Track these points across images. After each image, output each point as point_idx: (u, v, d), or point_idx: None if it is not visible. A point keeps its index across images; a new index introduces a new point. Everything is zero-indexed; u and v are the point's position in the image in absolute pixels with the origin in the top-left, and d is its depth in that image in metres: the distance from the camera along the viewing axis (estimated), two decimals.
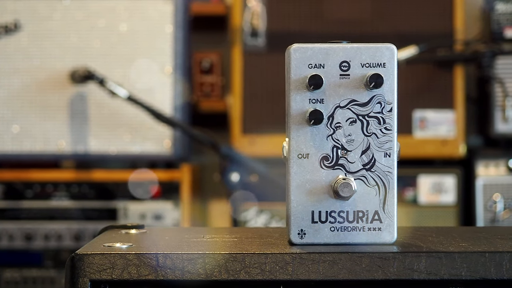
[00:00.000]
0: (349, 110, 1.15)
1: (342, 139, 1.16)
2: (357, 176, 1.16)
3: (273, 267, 1.09)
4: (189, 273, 1.08)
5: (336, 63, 1.15)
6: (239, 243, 1.18)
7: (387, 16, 3.40)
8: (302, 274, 1.09)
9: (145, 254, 1.09)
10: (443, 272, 1.08)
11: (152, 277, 1.08)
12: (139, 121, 3.18)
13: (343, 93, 1.15)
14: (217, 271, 1.08)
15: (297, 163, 1.16)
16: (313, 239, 1.16)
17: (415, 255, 1.09)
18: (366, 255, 1.09)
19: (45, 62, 3.24)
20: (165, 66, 3.26)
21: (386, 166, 1.16)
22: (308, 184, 1.15)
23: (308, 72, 1.15)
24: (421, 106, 3.38)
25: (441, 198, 3.39)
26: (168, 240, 1.22)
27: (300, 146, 1.15)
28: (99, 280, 1.08)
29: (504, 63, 3.36)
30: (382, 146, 1.16)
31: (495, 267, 1.08)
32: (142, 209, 3.28)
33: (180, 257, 1.09)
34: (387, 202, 1.16)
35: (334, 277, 1.09)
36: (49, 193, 3.28)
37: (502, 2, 3.40)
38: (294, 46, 1.15)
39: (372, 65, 1.15)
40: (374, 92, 1.15)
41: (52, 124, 3.22)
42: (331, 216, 1.16)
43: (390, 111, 1.15)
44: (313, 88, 1.14)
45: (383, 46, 1.15)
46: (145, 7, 3.28)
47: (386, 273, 1.09)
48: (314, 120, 1.14)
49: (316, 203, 1.15)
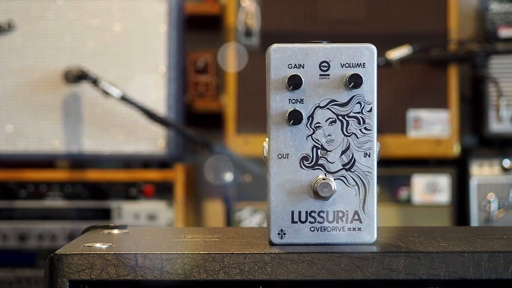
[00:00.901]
0: (329, 110, 1.15)
1: (322, 139, 1.16)
2: (337, 176, 1.16)
3: (252, 267, 1.09)
4: (168, 273, 1.08)
5: (316, 63, 1.15)
6: (219, 243, 1.18)
7: (381, 16, 3.39)
8: (281, 274, 1.09)
9: (123, 254, 1.09)
10: (421, 272, 1.08)
11: (131, 277, 1.08)
12: (133, 121, 3.18)
13: (323, 93, 1.15)
14: (196, 271, 1.09)
15: (277, 163, 1.16)
16: (293, 239, 1.16)
17: (393, 255, 1.09)
18: (345, 255, 1.09)
19: (39, 62, 3.24)
20: (159, 66, 3.26)
21: (366, 166, 1.16)
22: (288, 184, 1.15)
23: (288, 72, 1.15)
24: (415, 106, 3.38)
25: (435, 197, 3.39)
26: (149, 240, 1.22)
27: (280, 146, 1.16)
28: (78, 280, 1.08)
29: (498, 63, 3.35)
30: (362, 146, 1.16)
31: (474, 267, 1.08)
32: (136, 209, 3.28)
33: (159, 257, 1.09)
34: (367, 202, 1.16)
35: (313, 277, 1.09)
36: (43, 193, 3.28)
37: (497, 2, 3.40)
38: (274, 46, 1.15)
39: (351, 65, 1.15)
40: (354, 92, 1.15)
41: (46, 124, 3.22)
42: (311, 216, 1.16)
43: (370, 111, 1.15)
44: (292, 88, 1.14)
45: (363, 46, 1.15)
46: (139, 7, 3.28)
47: (365, 273, 1.09)
48: (293, 120, 1.14)
49: (296, 203, 1.15)
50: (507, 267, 1.08)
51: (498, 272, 1.08)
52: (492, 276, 1.08)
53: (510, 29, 3.39)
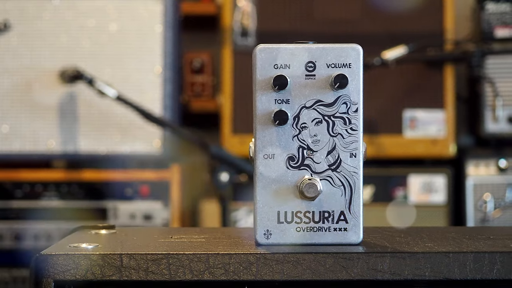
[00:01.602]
0: (315, 111, 1.15)
1: (307, 139, 1.16)
2: (323, 177, 1.16)
3: (237, 268, 1.09)
4: (153, 274, 1.08)
5: (302, 63, 1.15)
6: (206, 244, 1.18)
7: (376, 16, 3.39)
8: (266, 274, 1.09)
9: (109, 255, 1.09)
10: (406, 273, 1.08)
11: (116, 277, 1.08)
12: (129, 121, 3.18)
13: (309, 93, 1.15)
14: (181, 271, 1.09)
15: (263, 164, 1.16)
16: (279, 239, 1.16)
17: (379, 256, 1.09)
18: (330, 255, 1.09)
19: (35, 62, 3.24)
20: (155, 66, 3.26)
21: (352, 166, 1.16)
22: (274, 184, 1.15)
23: (273, 72, 1.15)
24: (411, 106, 3.38)
25: (432, 197, 3.39)
26: (135, 240, 1.22)
27: (266, 146, 1.16)
28: (63, 281, 1.08)
29: (494, 63, 3.35)
30: (347, 147, 1.16)
31: (459, 268, 1.08)
32: (131, 209, 3.28)
33: (144, 258, 1.09)
34: (353, 203, 1.16)
35: (298, 277, 1.09)
36: (39, 193, 3.28)
37: (493, 2, 3.40)
38: (260, 47, 1.15)
39: (337, 66, 1.15)
40: (340, 93, 1.15)
41: (42, 124, 3.22)
42: (297, 217, 1.16)
43: (355, 112, 1.15)
44: (278, 89, 1.14)
45: (349, 47, 1.15)
46: (135, 7, 3.28)
47: (350, 274, 1.09)
48: (279, 120, 1.14)
49: (282, 203, 1.15)
50: (492, 268, 1.08)
51: (483, 272, 1.08)
52: (477, 276, 1.08)
53: (506, 29, 3.39)
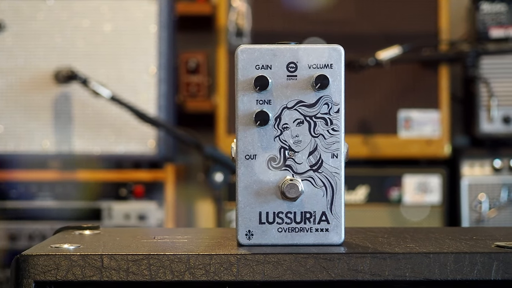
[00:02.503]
0: (297, 111, 1.15)
1: (289, 140, 1.16)
2: (305, 177, 1.16)
3: (218, 268, 1.09)
4: (133, 274, 1.08)
5: (283, 64, 1.15)
6: (188, 244, 1.18)
7: (371, 16, 3.40)
8: (247, 275, 1.09)
9: (89, 255, 1.09)
10: (387, 273, 1.08)
11: (97, 278, 1.08)
12: (124, 121, 3.18)
13: (290, 94, 1.15)
14: (162, 272, 1.09)
15: (245, 164, 1.16)
16: (260, 240, 1.16)
17: (359, 256, 1.09)
18: (311, 256, 1.09)
19: (29, 62, 3.25)
20: (149, 66, 3.27)
21: (334, 167, 1.16)
22: (256, 185, 1.15)
23: (255, 73, 1.15)
24: (406, 106, 3.38)
25: (426, 198, 3.39)
26: (118, 241, 1.22)
27: (248, 147, 1.16)
28: (44, 281, 1.08)
29: (489, 63, 3.36)
30: (329, 147, 1.16)
31: (439, 268, 1.08)
32: (126, 209, 3.28)
33: (124, 258, 1.09)
34: (335, 203, 1.16)
35: (278, 278, 1.09)
36: (33, 193, 3.28)
37: (488, 2, 3.40)
38: (241, 47, 1.15)
39: (319, 66, 1.15)
40: (321, 93, 1.15)
41: (37, 124, 3.22)
42: (279, 217, 1.16)
43: (337, 112, 1.15)
44: (259, 89, 1.14)
45: (330, 47, 1.15)
46: (129, 7, 3.28)
47: (331, 274, 1.09)
48: (260, 121, 1.14)
49: (264, 204, 1.15)
50: (472, 268, 1.08)
51: (463, 273, 1.08)
52: (457, 277, 1.08)
53: (501, 29, 3.39)
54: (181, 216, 3.48)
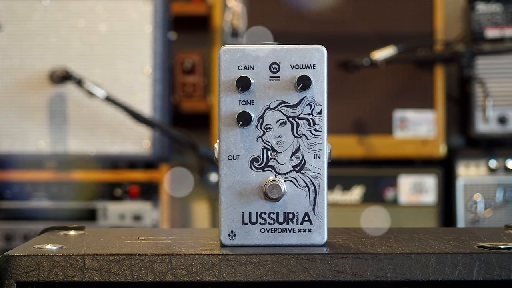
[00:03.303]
0: (279, 112, 1.15)
1: (272, 140, 1.16)
2: (287, 178, 1.16)
3: (200, 269, 1.09)
4: (115, 275, 1.09)
5: (266, 64, 1.15)
6: (170, 245, 1.18)
7: (367, 16, 3.39)
8: (228, 275, 1.09)
9: (71, 256, 1.09)
10: (369, 274, 1.08)
11: (78, 278, 1.09)
12: (119, 122, 3.19)
13: (273, 94, 1.15)
14: (143, 272, 1.09)
15: (227, 165, 1.16)
16: (243, 240, 1.16)
17: (341, 257, 1.09)
18: (293, 256, 1.09)
19: (25, 63, 3.25)
20: (144, 67, 3.27)
21: (316, 167, 1.16)
22: (238, 185, 1.15)
23: (237, 73, 1.15)
24: (401, 106, 3.38)
25: (422, 198, 3.39)
26: (102, 241, 1.22)
27: (230, 147, 1.16)
28: (25, 282, 1.08)
29: (485, 63, 3.35)
30: (312, 148, 1.16)
31: (421, 269, 1.08)
32: (121, 210, 3.28)
33: (106, 259, 1.09)
34: (317, 204, 1.16)
35: (260, 278, 1.09)
36: (29, 193, 3.28)
37: (483, 2, 3.40)
38: (224, 48, 1.16)
39: (301, 67, 1.15)
40: (304, 94, 1.15)
41: (32, 124, 3.22)
42: (262, 218, 1.16)
43: (320, 113, 1.15)
44: (241, 90, 1.14)
45: (313, 48, 1.15)
46: (125, 7, 3.28)
47: (312, 275, 1.09)
48: (242, 121, 1.14)
49: (247, 204, 1.16)
50: (454, 269, 1.08)
51: (445, 274, 1.08)
52: (439, 277, 1.08)
53: (496, 29, 3.39)
54: (177, 216, 3.48)
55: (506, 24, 3.39)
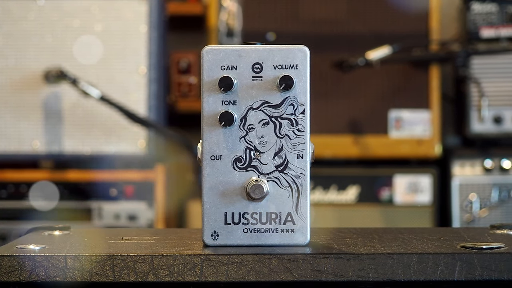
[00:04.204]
0: (262, 112, 1.15)
1: (255, 140, 1.16)
2: (270, 178, 1.16)
3: (182, 269, 1.09)
4: (97, 275, 1.09)
5: (249, 64, 1.15)
6: (153, 245, 1.18)
7: (362, 16, 3.39)
8: (210, 276, 1.09)
9: (53, 256, 1.09)
10: (350, 274, 1.08)
11: (60, 278, 1.09)
12: (114, 121, 3.18)
13: (256, 94, 1.15)
14: (125, 273, 1.09)
15: (210, 165, 1.16)
16: (226, 240, 1.16)
17: (323, 257, 1.09)
18: (275, 256, 1.09)
19: (20, 62, 3.25)
20: (139, 66, 3.27)
21: (299, 167, 1.16)
22: (221, 185, 1.16)
23: (220, 74, 1.15)
24: (397, 106, 3.38)
25: (417, 198, 3.39)
26: (85, 241, 1.22)
27: (213, 147, 1.16)
28: (7, 282, 1.08)
29: (480, 63, 3.35)
30: (294, 148, 1.16)
31: (403, 269, 1.08)
32: (116, 209, 3.28)
33: (88, 259, 1.09)
34: (300, 204, 1.16)
35: (242, 279, 1.09)
36: (24, 193, 3.28)
37: (478, 2, 3.40)
38: (207, 48, 1.16)
39: (284, 67, 1.15)
40: (287, 94, 1.15)
41: (27, 124, 3.22)
42: (244, 218, 1.16)
43: (302, 113, 1.15)
44: (224, 90, 1.14)
45: (296, 48, 1.15)
46: (120, 7, 3.28)
47: (294, 275, 1.09)
48: (224, 122, 1.14)
49: (229, 204, 1.16)
50: (435, 269, 1.08)
51: (427, 274, 1.08)
52: (420, 277, 1.08)
53: (491, 29, 3.39)
54: (172, 216, 3.47)
55: (501, 24, 3.39)
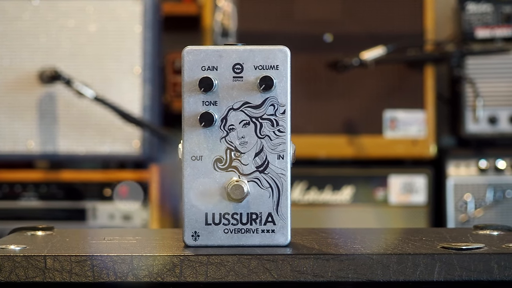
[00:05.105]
0: (243, 112, 1.16)
1: (235, 141, 1.16)
2: (251, 178, 1.16)
3: (161, 270, 1.09)
4: (76, 275, 1.09)
5: (229, 65, 1.15)
6: (135, 245, 1.18)
7: (357, 16, 3.39)
8: (190, 276, 1.09)
9: (33, 256, 1.09)
10: (330, 274, 1.08)
11: (40, 279, 1.09)
12: (108, 121, 3.19)
13: (236, 95, 1.15)
14: (105, 273, 1.09)
15: (191, 165, 1.16)
16: (206, 241, 1.16)
17: (302, 257, 1.09)
18: (255, 257, 1.09)
19: (14, 63, 3.25)
20: (134, 67, 3.27)
21: (280, 168, 1.16)
22: (202, 186, 1.16)
23: (201, 74, 1.15)
24: (392, 106, 3.38)
25: (412, 198, 3.38)
26: (67, 242, 1.22)
27: (194, 148, 1.16)
28: None
29: (475, 63, 3.35)
30: (275, 148, 1.16)
31: (382, 269, 1.08)
32: (111, 210, 3.28)
33: (68, 259, 1.09)
34: (281, 204, 1.16)
35: (221, 279, 1.09)
36: (18, 193, 3.29)
37: (473, 3, 3.40)
38: (187, 49, 1.16)
39: (265, 67, 1.15)
40: (267, 94, 1.15)
41: (21, 124, 3.22)
42: (225, 218, 1.16)
43: (283, 113, 1.15)
44: (204, 90, 1.14)
45: (276, 49, 1.15)
46: (114, 7, 3.28)
47: (273, 275, 1.09)
48: (204, 122, 1.14)
49: (210, 205, 1.16)
50: (415, 269, 1.08)
51: (406, 274, 1.08)
52: (400, 278, 1.08)
53: (486, 29, 3.38)
54: (166, 216, 3.48)
55: (496, 24, 3.39)
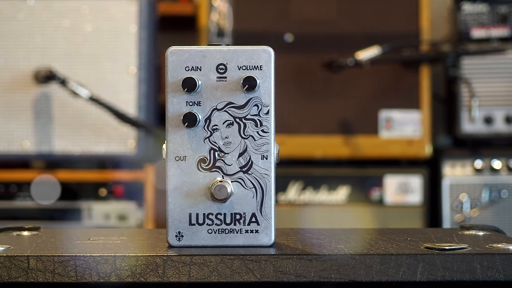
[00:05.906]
0: (226, 113, 1.16)
1: (219, 141, 1.16)
2: (234, 179, 1.16)
3: (144, 270, 1.09)
4: (59, 276, 1.09)
5: (213, 65, 1.15)
6: (119, 245, 1.18)
7: (353, 16, 3.39)
8: (172, 276, 1.09)
9: (16, 257, 1.09)
10: (312, 275, 1.08)
11: (23, 279, 1.09)
12: (104, 121, 3.19)
13: (220, 95, 1.15)
14: (88, 273, 1.09)
15: (175, 166, 1.16)
16: (190, 241, 1.16)
17: (285, 258, 1.09)
18: (238, 257, 1.09)
19: (10, 62, 3.25)
20: (129, 66, 3.27)
21: (263, 168, 1.16)
22: (186, 186, 1.16)
23: (184, 74, 1.15)
24: (387, 106, 3.37)
25: (408, 198, 3.38)
26: (52, 242, 1.22)
27: (178, 148, 1.16)
28: None
29: (471, 63, 3.35)
30: (259, 149, 1.16)
31: (365, 269, 1.08)
32: (106, 210, 3.28)
33: (51, 260, 1.09)
34: (265, 205, 1.16)
35: (204, 279, 1.09)
36: (13, 193, 3.29)
37: (469, 3, 3.40)
38: (171, 49, 1.16)
39: (248, 68, 1.15)
40: (251, 95, 1.15)
41: (17, 124, 3.22)
42: (209, 219, 1.16)
43: (267, 114, 1.15)
44: (187, 91, 1.14)
45: (260, 49, 1.15)
46: (110, 7, 3.28)
47: (256, 276, 1.09)
48: (188, 122, 1.14)
49: (194, 205, 1.16)
50: (398, 270, 1.08)
51: (389, 274, 1.08)
52: (383, 278, 1.08)
53: (482, 29, 3.38)
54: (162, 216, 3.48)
55: (492, 24, 3.39)
